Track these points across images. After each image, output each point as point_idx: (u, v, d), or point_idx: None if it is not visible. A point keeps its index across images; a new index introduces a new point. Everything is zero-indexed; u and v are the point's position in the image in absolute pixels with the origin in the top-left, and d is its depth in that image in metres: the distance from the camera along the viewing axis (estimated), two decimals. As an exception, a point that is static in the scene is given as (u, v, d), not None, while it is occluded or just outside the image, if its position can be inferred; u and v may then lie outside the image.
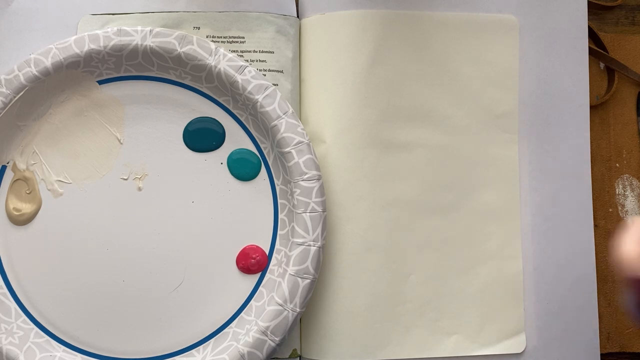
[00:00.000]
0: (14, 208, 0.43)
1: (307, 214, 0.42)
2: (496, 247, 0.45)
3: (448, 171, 0.45)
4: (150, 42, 0.42)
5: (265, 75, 0.45)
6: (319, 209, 0.42)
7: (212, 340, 0.43)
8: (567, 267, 0.46)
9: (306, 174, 0.42)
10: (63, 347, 0.42)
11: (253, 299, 0.43)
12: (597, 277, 0.46)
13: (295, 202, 0.42)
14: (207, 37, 0.45)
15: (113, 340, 0.42)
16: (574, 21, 0.47)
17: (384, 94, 0.45)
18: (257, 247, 0.43)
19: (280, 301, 0.41)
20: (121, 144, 0.44)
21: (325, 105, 0.45)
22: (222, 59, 0.42)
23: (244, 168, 0.44)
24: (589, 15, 0.48)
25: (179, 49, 0.42)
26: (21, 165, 0.43)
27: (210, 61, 0.42)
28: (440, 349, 0.44)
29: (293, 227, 0.42)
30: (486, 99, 0.46)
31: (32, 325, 0.42)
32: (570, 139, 0.47)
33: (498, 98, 0.46)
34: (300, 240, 0.42)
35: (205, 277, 0.43)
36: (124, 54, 0.42)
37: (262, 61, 0.45)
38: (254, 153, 0.44)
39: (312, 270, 0.41)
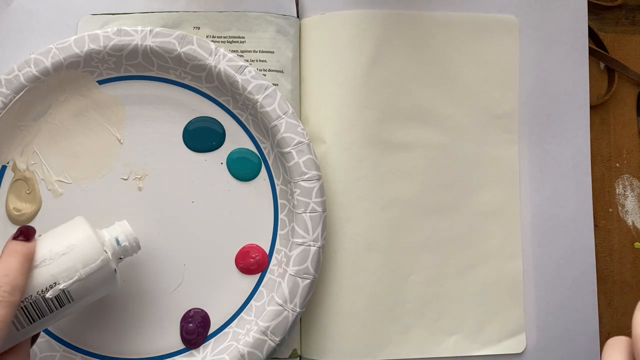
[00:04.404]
0: (14, 208, 0.43)
1: (307, 214, 0.42)
2: (496, 247, 0.45)
3: (448, 171, 0.45)
4: (150, 42, 0.42)
5: (265, 75, 0.45)
6: (319, 209, 0.42)
7: (212, 340, 0.43)
8: (567, 267, 0.46)
9: (306, 174, 0.42)
10: (63, 347, 0.42)
11: (253, 299, 0.43)
12: (597, 277, 0.46)
13: (295, 202, 0.42)
14: (207, 37, 0.45)
15: (113, 340, 0.42)
16: (574, 21, 0.47)
17: (384, 94, 0.45)
18: (257, 246, 0.43)
19: (280, 301, 0.41)
20: (121, 144, 0.44)
21: (325, 105, 0.45)
22: (222, 59, 0.42)
23: (244, 168, 0.44)
24: (589, 15, 0.48)
25: (179, 49, 0.42)
26: (21, 165, 0.43)
27: (210, 61, 0.42)
28: (440, 349, 0.44)
29: (293, 227, 0.42)
30: (486, 99, 0.46)
31: (32, 325, 0.42)
32: (570, 139, 0.47)
33: (498, 98, 0.46)
34: (300, 241, 0.42)
35: (205, 277, 0.43)
36: (124, 53, 0.42)
37: (262, 61, 0.45)
38: (254, 153, 0.44)
39: (312, 271, 0.41)
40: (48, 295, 0.34)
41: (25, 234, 0.35)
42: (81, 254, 0.35)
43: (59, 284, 0.34)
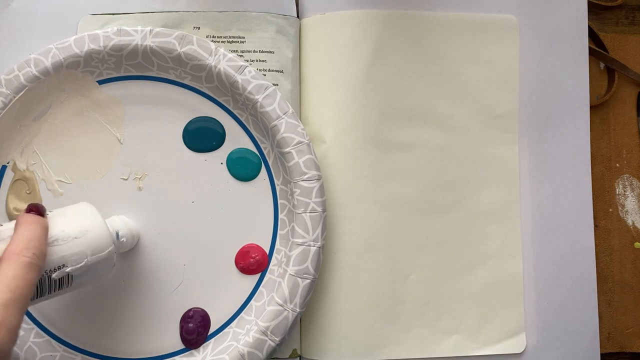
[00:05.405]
0: (14, 208, 0.43)
1: (307, 214, 0.42)
2: (496, 247, 0.45)
3: (448, 171, 0.45)
4: (150, 42, 0.42)
5: (265, 75, 0.45)
6: (319, 209, 0.42)
7: (212, 340, 0.43)
8: (567, 267, 0.46)
9: (306, 174, 0.42)
10: (63, 347, 0.42)
11: (253, 299, 0.43)
12: (597, 277, 0.46)
13: (295, 202, 0.42)
14: (207, 37, 0.45)
15: (113, 340, 0.42)
16: (574, 21, 0.47)
17: (384, 94, 0.45)
18: (257, 245, 0.43)
19: (280, 301, 0.41)
20: (121, 144, 0.44)
21: (325, 105, 0.45)
22: (222, 59, 0.42)
23: (244, 168, 0.44)
24: (589, 15, 0.48)
25: (179, 49, 0.42)
26: (21, 165, 0.43)
27: (210, 61, 0.42)
28: (440, 349, 0.44)
29: (293, 227, 0.42)
30: (486, 99, 0.46)
31: (32, 325, 0.42)
32: (570, 139, 0.47)
33: (498, 98, 0.46)
34: (300, 240, 0.42)
35: (205, 277, 0.43)
36: (124, 53, 0.42)
37: (262, 61, 0.45)
38: (254, 153, 0.44)
39: (312, 270, 0.41)
40: (54, 275, 0.34)
41: (37, 210, 0.34)
42: (92, 240, 0.35)
43: (66, 266, 0.34)
